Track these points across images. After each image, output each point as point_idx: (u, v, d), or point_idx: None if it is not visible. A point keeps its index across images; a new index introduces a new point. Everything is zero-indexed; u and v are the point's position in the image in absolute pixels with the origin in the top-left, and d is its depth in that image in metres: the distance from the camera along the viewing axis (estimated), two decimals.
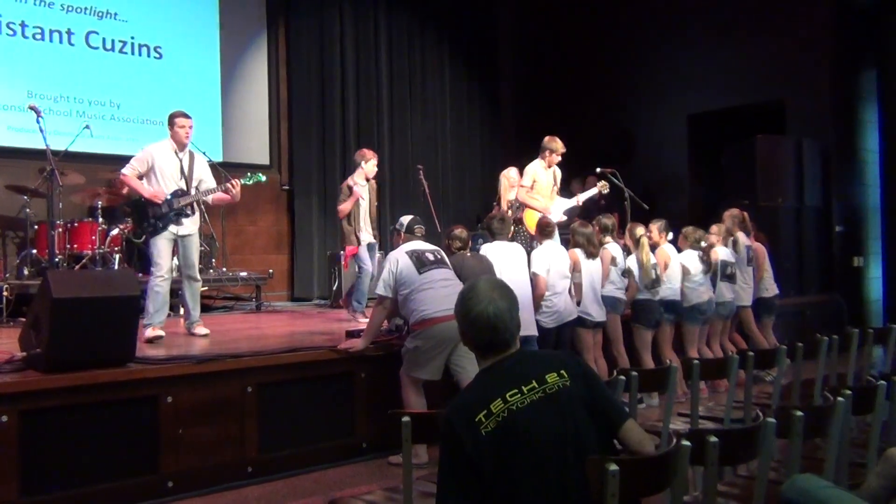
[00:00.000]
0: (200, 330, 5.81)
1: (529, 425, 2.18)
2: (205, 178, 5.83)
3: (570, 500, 2.14)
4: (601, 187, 7.66)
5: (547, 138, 7.29)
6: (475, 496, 2.15)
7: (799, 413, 2.63)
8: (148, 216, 5.54)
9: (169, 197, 5.57)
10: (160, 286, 5.54)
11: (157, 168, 5.60)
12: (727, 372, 3.96)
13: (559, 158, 7.26)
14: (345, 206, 7.04)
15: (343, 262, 7.77)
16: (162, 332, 5.50)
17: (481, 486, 2.15)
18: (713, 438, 2.32)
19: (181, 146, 5.72)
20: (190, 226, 5.70)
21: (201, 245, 8.60)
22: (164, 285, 5.58)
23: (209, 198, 5.85)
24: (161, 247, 5.55)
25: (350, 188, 7.07)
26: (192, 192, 5.69)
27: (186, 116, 5.77)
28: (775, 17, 9.94)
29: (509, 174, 7.72)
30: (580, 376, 2.32)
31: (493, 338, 2.35)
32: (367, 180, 7.27)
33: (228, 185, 5.73)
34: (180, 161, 5.69)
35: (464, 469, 2.16)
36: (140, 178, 5.60)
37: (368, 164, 7.22)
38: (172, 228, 5.57)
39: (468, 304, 2.39)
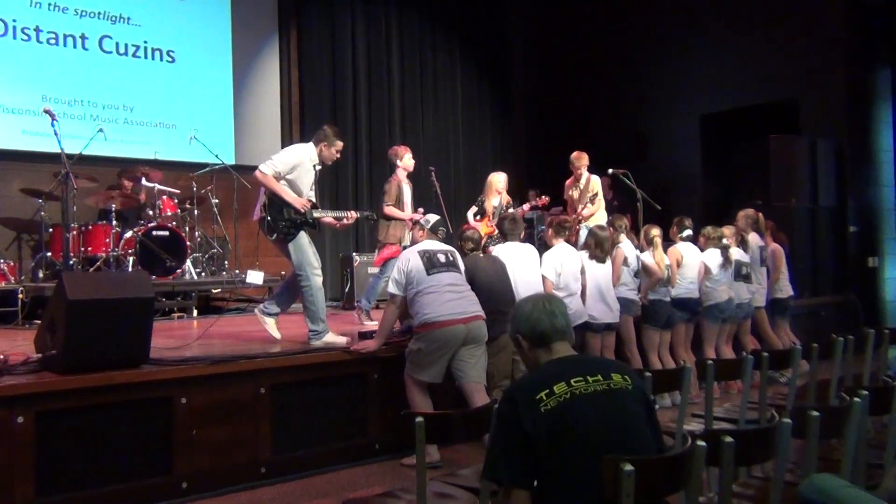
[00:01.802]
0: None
1: (589, 412, 2.23)
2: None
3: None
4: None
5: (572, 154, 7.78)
6: (524, 470, 2.21)
7: (815, 413, 2.61)
8: (284, 217, 5.28)
9: (310, 207, 5.36)
10: (317, 283, 5.26)
11: (298, 176, 5.34)
12: (742, 372, 3.94)
13: (580, 171, 7.68)
14: (392, 211, 6.73)
15: (375, 259, 7.57)
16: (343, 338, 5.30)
17: (532, 462, 2.20)
18: (728, 439, 2.30)
19: (321, 163, 5.50)
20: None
21: (214, 248, 8.68)
22: (320, 281, 5.30)
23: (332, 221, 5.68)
24: (306, 246, 5.28)
25: (399, 186, 6.78)
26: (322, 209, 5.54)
27: (344, 140, 5.53)
28: (788, 15, 9.89)
29: (492, 179, 7.69)
30: (641, 389, 2.40)
31: (552, 322, 2.49)
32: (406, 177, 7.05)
33: (347, 213, 5.63)
34: (316, 174, 5.49)
35: (518, 443, 2.22)
36: (277, 179, 5.33)
37: (405, 159, 6.92)
38: (305, 231, 5.36)
39: (522, 304, 2.61)
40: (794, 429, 2.54)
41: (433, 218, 5.35)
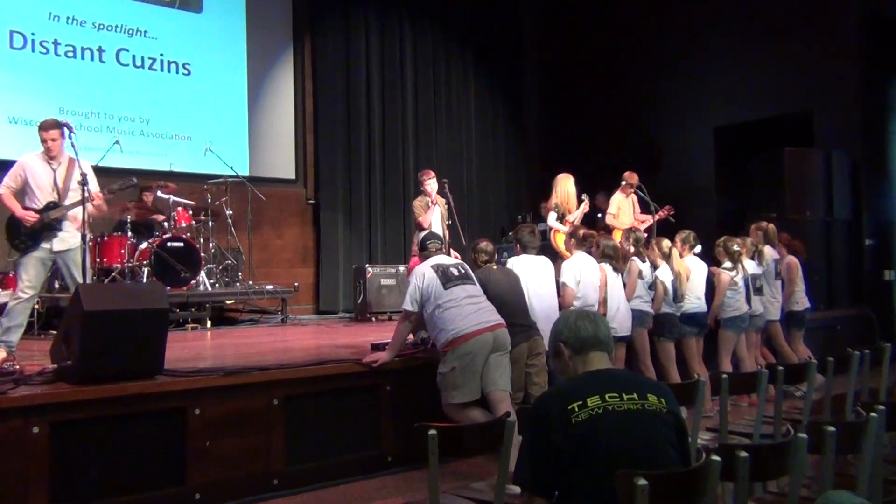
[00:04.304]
0: None
1: (618, 429, 2.22)
2: (86, 185, 5.31)
3: None
4: (586, 203, 7.98)
5: (625, 173, 8.42)
6: (546, 478, 2.23)
7: (831, 429, 2.59)
8: (20, 233, 5.28)
9: (40, 214, 5.25)
10: (21, 304, 5.21)
11: (30, 181, 5.31)
12: (757, 386, 3.92)
13: (632, 189, 8.35)
14: (422, 222, 7.25)
15: (406, 273, 7.92)
16: (6, 355, 5.05)
17: (558, 471, 2.21)
18: (743, 454, 2.29)
19: (51, 157, 5.36)
20: (68, 240, 5.37)
21: (228, 259, 8.72)
22: (27, 304, 5.26)
23: (89, 207, 5.34)
24: (30, 265, 5.24)
25: (426, 205, 7.34)
26: (66, 203, 5.33)
27: (50, 128, 5.32)
28: (802, 27, 9.87)
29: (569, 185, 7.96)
30: (675, 413, 2.37)
31: (596, 330, 2.49)
32: (429, 197, 7.39)
33: (89, 196, 5.28)
34: (53, 172, 5.35)
35: (544, 451, 2.23)
36: (17, 193, 5.34)
37: (427, 184, 7.46)
38: (45, 245, 5.27)
39: (566, 314, 2.65)
40: (809, 444, 2.52)
41: (419, 235, 5.37)
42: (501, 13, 12.39)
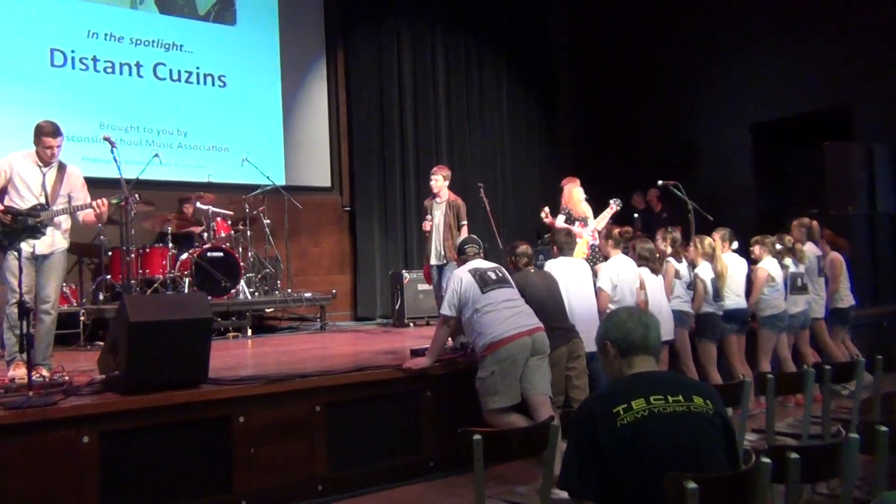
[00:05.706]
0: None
1: (665, 432, 2.20)
2: (76, 194, 5.19)
3: None
4: (612, 206, 7.61)
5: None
6: (595, 482, 2.20)
7: (883, 428, 2.54)
8: None
9: (24, 213, 4.90)
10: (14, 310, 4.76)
11: (16, 179, 4.99)
12: (803, 386, 3.86)
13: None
14: (423, 225, 7.05)
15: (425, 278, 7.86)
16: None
17: (606, 475, 2.19)
18: (794, 455, 2.26)
19: (45, 162, 5.08)
20: (52, 245, 5.04)
21: (266, 268, 8.80)
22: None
23: (79, 216, 5.19)
24: (14, 266, 4.74)
25: (427, 208, 7.08)
26: (55, 208, 5.05)
27: (55, 135, 5.03)
28: (839, 20, 9.70)
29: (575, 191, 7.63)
30: (722, 415, 2.33)
31: (646, 334, 2.46)
32: (436, 197, 7.04)
33: (95, 203, 5.08)
34: (43, 175, 5.06)
35: (591, 455, 2.21)
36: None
37: (431, 180, 7.08)
38: (25, 246, 4.86)
39: (616, 312, 2.60)
40: (861, 444, 2.47)
41: (458, 240, 5.39)
42: (533, 16, 12.36)
